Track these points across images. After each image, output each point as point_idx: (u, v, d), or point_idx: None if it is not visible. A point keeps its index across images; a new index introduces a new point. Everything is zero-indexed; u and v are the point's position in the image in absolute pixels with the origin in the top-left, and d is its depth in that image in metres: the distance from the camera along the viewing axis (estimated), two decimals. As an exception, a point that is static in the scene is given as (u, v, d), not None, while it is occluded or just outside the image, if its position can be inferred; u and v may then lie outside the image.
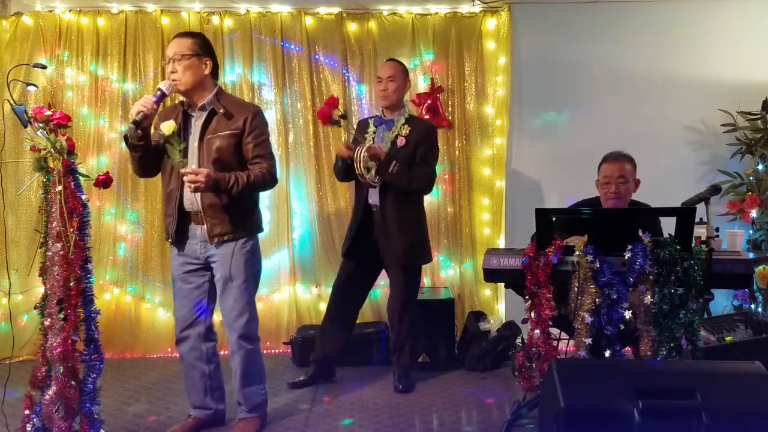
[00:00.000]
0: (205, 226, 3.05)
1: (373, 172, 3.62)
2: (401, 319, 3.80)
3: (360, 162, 3.61)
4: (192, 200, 3.05)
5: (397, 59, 3.97)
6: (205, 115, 3.06)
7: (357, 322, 4.51)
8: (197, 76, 3.02)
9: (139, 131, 2.92)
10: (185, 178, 2.90)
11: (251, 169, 3.03)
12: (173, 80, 3.01)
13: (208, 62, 3.05)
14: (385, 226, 3.71)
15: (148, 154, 3.04)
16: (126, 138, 2.96)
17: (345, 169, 3.74)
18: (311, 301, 4.63)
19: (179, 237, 3.13)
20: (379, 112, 3.85)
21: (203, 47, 3.06)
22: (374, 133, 3.76)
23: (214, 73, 3.10)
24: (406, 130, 3.70)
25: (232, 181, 2.95)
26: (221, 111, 3.04)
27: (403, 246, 3.71)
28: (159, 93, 2.97)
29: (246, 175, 2.98)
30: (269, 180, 3.07)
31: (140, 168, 3.13)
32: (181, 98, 3.14)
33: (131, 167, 3.22)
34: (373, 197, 3.73)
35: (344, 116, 3.67)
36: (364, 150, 3.59)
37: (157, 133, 3.01)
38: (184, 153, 3.02)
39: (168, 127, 2.90)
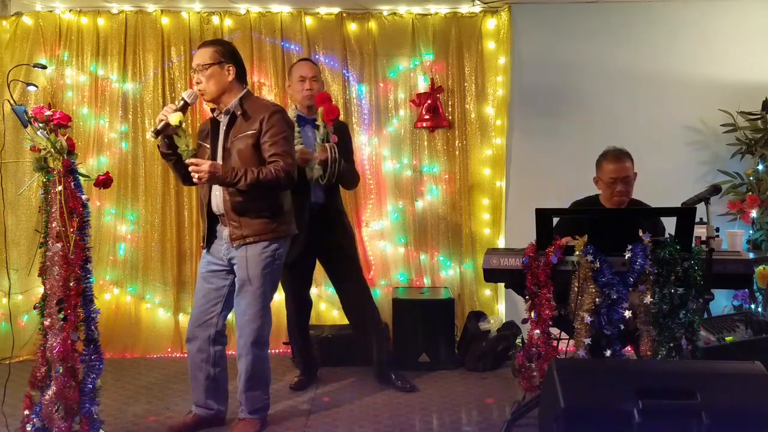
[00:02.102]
0: (228, 228, 3.08)
1: (322, 170, 3.56)
2: (371, 308, 3.85)
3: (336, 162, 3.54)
4: (218, 203, 3.09)
5: (312, 60, 3.96)
6: (227, 118, 3.08)
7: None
8: (221, 83, 3.05)
9: (166, 140, 2.99)
10: (189, 169, 2.92)
11: (266, 167, 3.00)
12: (199, 90, 3.05)
13: (230, 68, 3.06)
14: (330, 222, 3.72)
15: (181, 161, 3.04)
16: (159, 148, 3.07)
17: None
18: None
19: (209, 237, 3.18)
20: (296, 111, 3.70)
21: (225, 54, 3.07)
22: (299, 133, 3.64)
23: (240, 77, 3.10)
24: (331, 129, 3.63)
25: (239, 175, 2.93)
26: (239, 113, 3.05)
27: (352, 239, 3.86)
28: (182, 102, 3.02)
29: (258, 172, 2.95)
30: (283, 178, 3.00)
31: (180, 175, 3.16)
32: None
33: (172, 176, 3.25)
34: (318, 195, 3.67)
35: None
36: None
37: (166, 124, 2.97)
38: (213, 156, 3.07)
39: (175, 117, 2.93)
